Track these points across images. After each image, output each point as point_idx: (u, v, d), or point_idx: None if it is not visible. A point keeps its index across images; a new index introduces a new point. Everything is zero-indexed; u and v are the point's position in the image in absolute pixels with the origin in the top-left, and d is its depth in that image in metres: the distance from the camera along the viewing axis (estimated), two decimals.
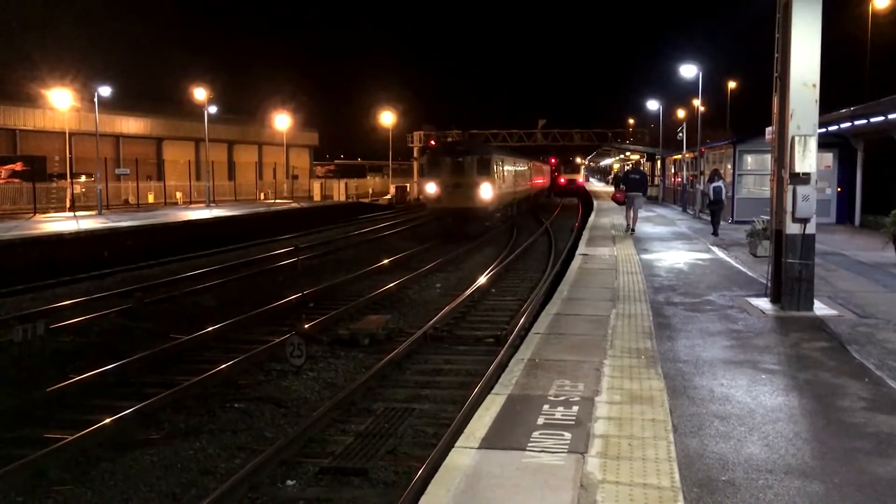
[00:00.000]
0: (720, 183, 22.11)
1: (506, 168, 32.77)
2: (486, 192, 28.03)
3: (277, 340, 11.54)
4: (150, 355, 11.00)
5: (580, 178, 71.22)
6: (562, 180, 67.95)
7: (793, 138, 9.82)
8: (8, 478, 6.90)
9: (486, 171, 28.35)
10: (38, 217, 31.15)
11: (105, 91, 37.81)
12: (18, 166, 37.67)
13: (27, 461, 7.16)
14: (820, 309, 10.25)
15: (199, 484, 7.03)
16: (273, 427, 8.54)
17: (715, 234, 21.36)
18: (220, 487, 6.54)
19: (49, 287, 17.86)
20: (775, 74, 10.34)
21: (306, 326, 12.49)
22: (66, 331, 13.02)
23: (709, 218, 23.38)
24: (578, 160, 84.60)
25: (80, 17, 64.05)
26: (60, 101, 36.65)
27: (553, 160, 75.20)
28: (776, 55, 10.32)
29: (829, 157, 23.60)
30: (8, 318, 13.79)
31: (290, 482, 6.97)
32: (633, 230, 21.97)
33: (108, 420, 8.23)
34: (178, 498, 6.80)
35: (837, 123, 21.09)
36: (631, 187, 22.65)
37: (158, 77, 68.50)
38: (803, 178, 9.91)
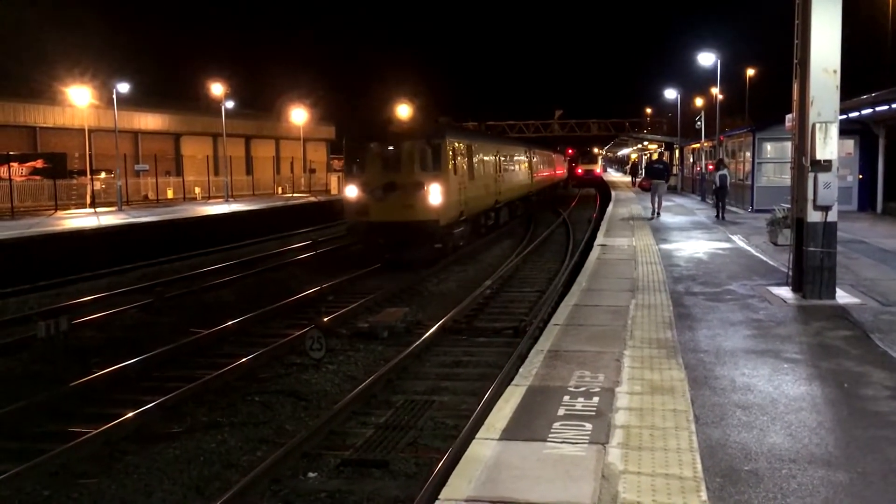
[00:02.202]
0: (725, 171, 24.07)
1: (480, 158, 23.01)
2: (434, 196, 18.18)
3: (297, 334, 11.60)
4: (172, 349, 11.10)
5: (598, 169, 70.49)
6: (579, 171, 67.54)
7: (813, 125, 9.71)
8: (35, 471, 7.00)
9: (436, 162, 18.55)
10: (59, 213, 31.44)
11: (123, 88, 38.03)
12: (39, 163, 37.95)
13: (53, 454, 7.26)
14: (842, 297, 10.15)
15: (221, 477, 7.10)
16: (294, 420, 8.59)
17: (720, 217, 22.99)
18: (243, 480, 6.60)
19: (71, 283, 18.06)
20: (795, 61, 10.22)
21: (325, 319, 12.53)
22: (88, 326, 13.17)
23: (727, 208, 24.48)
24: (596, 150, 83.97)
25: (98, 15, 64.51)
26: (79, 99, 36.88)
27: (570, 150, 74.80)
28: (796, 41, 10.20)
29: (850, 144, 23.30)
30: (31, 314, 13.96)
31: (311, 474, 7.01)
32: (658, 214, 23.95)
33: (131, 414, 8.32)
34: (202, 491, 6.86)
35: (858, 110, 20.79)
36: (655, 175, 25.34)
37: (176, 73, 68.89)
38: (824, 166, 9.80)
